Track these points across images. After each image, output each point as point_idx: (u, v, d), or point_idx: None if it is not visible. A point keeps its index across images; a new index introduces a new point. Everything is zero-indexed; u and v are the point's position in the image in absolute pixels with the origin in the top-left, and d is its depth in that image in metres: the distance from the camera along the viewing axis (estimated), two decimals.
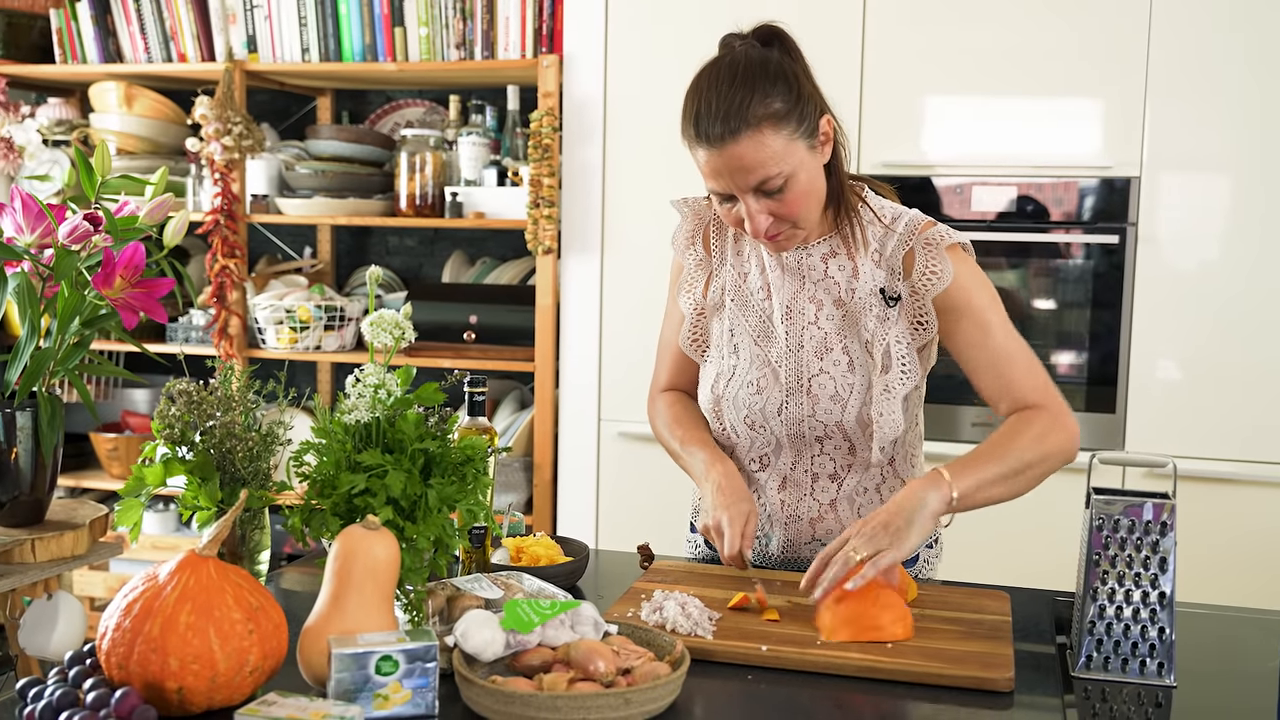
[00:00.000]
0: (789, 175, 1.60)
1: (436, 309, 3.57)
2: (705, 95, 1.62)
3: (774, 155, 1.58)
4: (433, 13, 3.49)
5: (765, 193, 1.61)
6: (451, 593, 1.43)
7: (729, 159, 1.58)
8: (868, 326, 1.72)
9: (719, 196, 1.65)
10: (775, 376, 1.76)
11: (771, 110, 1.58)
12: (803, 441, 1.78)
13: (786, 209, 1.63)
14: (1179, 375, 2.94)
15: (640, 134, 3.23)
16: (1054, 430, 1.67)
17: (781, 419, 1.76)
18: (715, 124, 1.58)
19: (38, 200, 1.93)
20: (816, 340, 1.75)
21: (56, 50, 3.84)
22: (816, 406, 1.74)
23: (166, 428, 1.52)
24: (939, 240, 1.70)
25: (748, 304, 1.80)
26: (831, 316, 1.74)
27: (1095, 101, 2.95)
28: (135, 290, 1.92)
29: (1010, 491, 1.65)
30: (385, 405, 1.44)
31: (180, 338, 3.75)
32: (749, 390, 1.77)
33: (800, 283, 1.76)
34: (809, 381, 1.74)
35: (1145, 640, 1.44)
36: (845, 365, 1.73)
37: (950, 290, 1.70)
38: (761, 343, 1.78)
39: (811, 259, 1.75)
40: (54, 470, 2.04)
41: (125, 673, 1.21)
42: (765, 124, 1.57)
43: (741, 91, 1.58)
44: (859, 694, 1.38)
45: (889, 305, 1.72)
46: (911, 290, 1.71)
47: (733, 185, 1.61)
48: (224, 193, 3.58)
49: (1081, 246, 3.00)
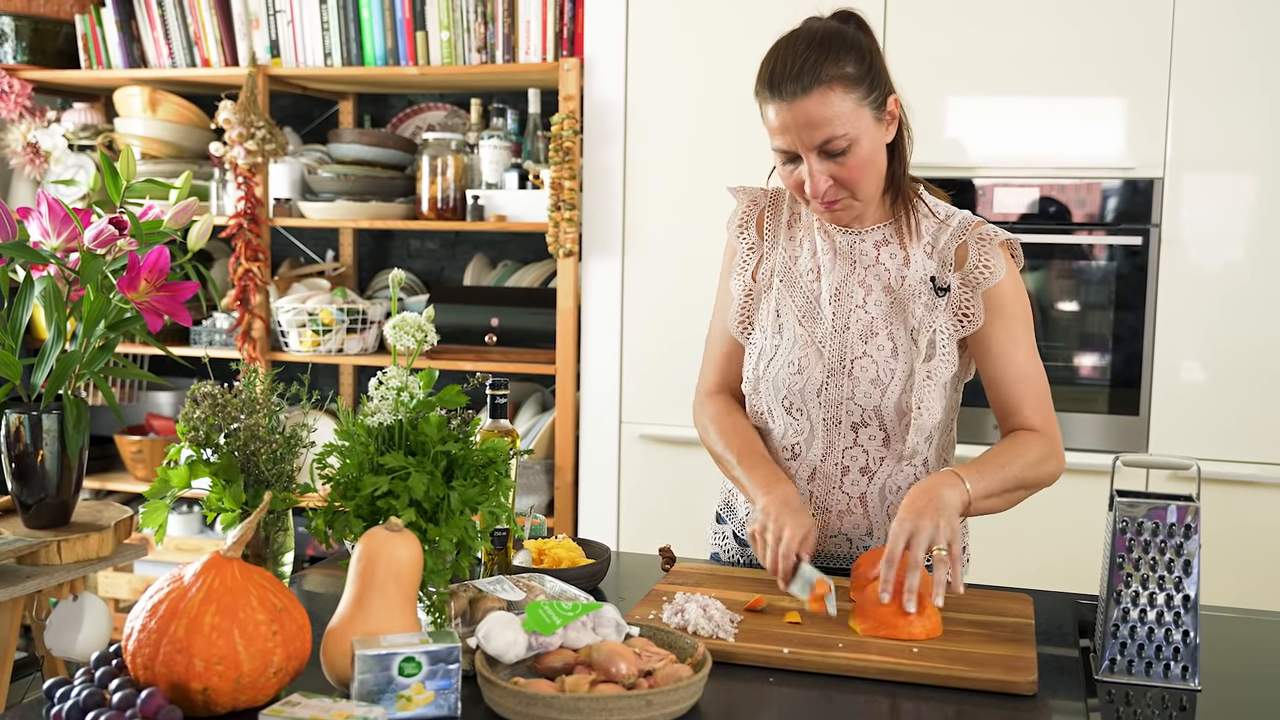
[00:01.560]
0: (853, 139, 1.65)
1: (458, 312, 3.58)
2: (782, 54, 1.67)
3: (841, 115, 1.63)
4: (454, 16, 3.50)
5: (829, 153, 1.65)
6: (474, 594, 1.43)
7: (799, 113, 1.63)
8: (915, 314, 1.75)
9: (783, 155, 1.70)
10: (818, 356, 1.78)
11: (844, 72, 1.64)
12: (838, 429, 1.78)
13: (847, 173, 1.67)
14: (1203, 377, 2.93)
15: (661, 137, 3.23)
16: (1050, 459, 1.73)
17: (820, 400, 1.77)
18: (789, 80, 1.63)
19: (64, 205, 1.95)
20: (863, 324, 1.77)
21: (82, 56, 3.87)
22: (856, 389, 1.76)
23: (191, 430, 1.53)
24: (992, 236, 1.75)
25: (796, 285, 1.82)
26: (880, 302, 1.77)
27: (1118, 102, 2.94)
28: (160, 294, 1.93)
29: (1003, 506, 1.70)
30: (408, 408, 1.45)
31: (204, 341, 3.78)
32: (789, 370, 1.79)
33: (851, 266, 1.79)
34: (851, 364, 1.76)
35: (1169, 644, 1.44)
36: (889, 351, 1.75)
37: (998, 288, 1.73)
38: (806, 323, 1.80)
39: (864, 244, 1.79)
40: (79, 472, 2.05)
41: (151, 673, 1.22)
42: (837, 83, 1.63)
43: (818, 52, 1.64)
44: (881, 697, 1.38)
45: (938, 295, 1.75)
46: (962, 282, 1.74)
47: (799, 142, 1.65)
48: (247, 196, 3.60)
49: (1104, 248, 2.98)
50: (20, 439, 1.97)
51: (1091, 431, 3.00)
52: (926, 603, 1.52)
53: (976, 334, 1.76)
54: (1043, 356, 1.82)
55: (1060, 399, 3.03)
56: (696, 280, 3.24)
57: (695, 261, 3.22)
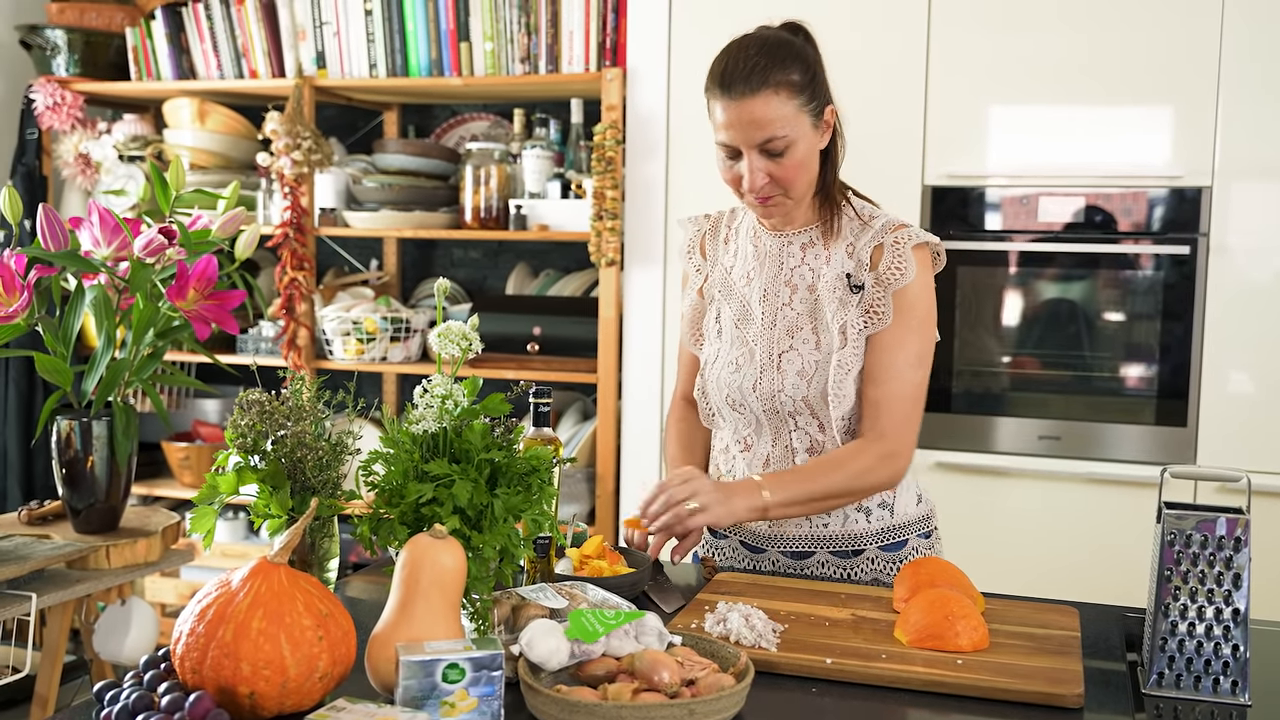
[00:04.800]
0: (791, 141, 1.78)
1: (500, 320, 3.60)
2: (734, 56, 1.79)
3: (783, 118, 1.76)
4: (498, 28, 3.53)
5: (768, 152, 1.78)
6: (517, 602, 1.44)
7: (744, 112, 1.76)
8: (830, 307, 1.86)
9: (726, 150, 1.82)
10: (751, 355, 1.91)
11: (789, 79, 1.77)
12: (779, 418, 1.90)
13: (783, 172, 1.80)
14: (1252, 389, 2.89)
15: (702, 146, 3.22)
16: (879, 468, 1.83)
17: (757, 394, 1.89)
18: (739, 80, 1.76)
19: (114, 214, 1.98)
20: (788, 320, 1.89)
21: (132, 68, 3.93)
22: (785, 381, 1.87)
23: (239, 437, 1.54)
24: (907, 239, 1.85)
25: (731, 291, 1.96)
26: (804, 300, 1.89)
27: (1165, 109, 2.91)
28: (208, 302, 1.96)
29: (811, 512, 1.84)
30: (452, 415, 1.45)
31: (250, 349, 3.81)
32: (729, 369, 1.92)
33: (778, 268, 1.92)
34: (779, 358, 1.88)
35: (1219, 658, 1.42)
36: (812, 344, 1.87)
37: (905, 290, 1.84)
38: (741, 325, 1.93)
39: (791, 248, 1.92)
40: (128, 478, 2.08)
41: (199, 677, 1.23)
42: (782, 89, 1.76)
43: (767, 58, 1.77)
44: (924, 708, 1.37)
45: (852, 292, 1.85)
46: (875, 281, 1.85)
47: (741, 138, 1.78)
48: (293, 206, 3.63)
49: (1151, 257, 2.95)
50: (71, 445, 2.00)
51: (1139, 443, 2.97)
52: (976, 618, 1.51)
53: (878, 333, 1.85)
54: (1089, 367, 1.83)
55: (1107, 410, 3.01)
56: None
57: None
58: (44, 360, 1.95)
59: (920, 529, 1.96)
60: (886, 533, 1.92)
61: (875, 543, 1.91)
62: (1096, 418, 2.99)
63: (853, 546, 1.91)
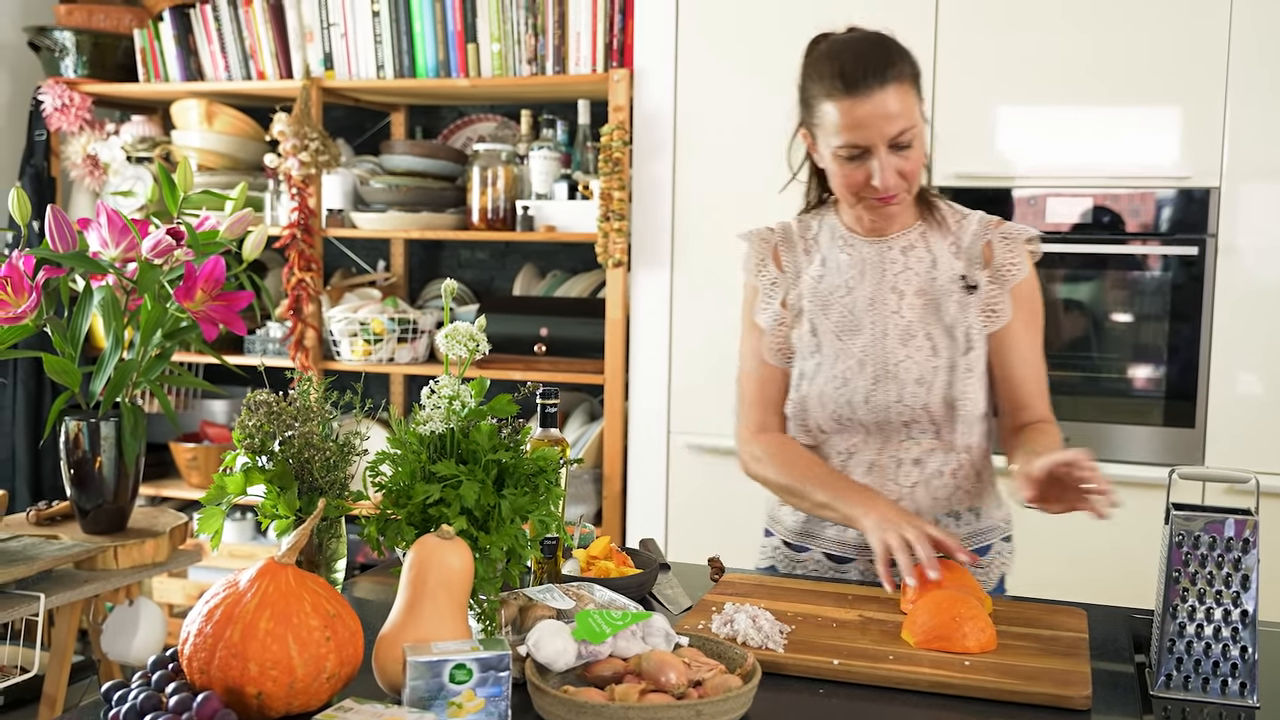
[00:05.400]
0: (916, 134, 1.74)
1: (507, 321, 3.60)
2: (846, 54, 1.74)
3: (909, 109, 1.73)
4: (505, 29, 3.53)
5: (898, 145, 1.73)
6: (524, 602, 1.44)
7: (876, 106, 1.70)
8: (949, 311, 1.82)
9: (848, 151, 1.74)
10: (861, 367, 1.83)
11: (908, 71, 1.74)
12: (890, 428, 1.84)
13: (910, 166, 1.75)
14: (1260, 390, 2.88)
15: (710, 147, 3.23)
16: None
17: (869, 407, 1.83)
18: (866, 75, 1.70)
19: (122, 215, 1.98)
20: (900, 328, 1.83)
21: (140, 69, 3.93)
22: (903, 391, 1.81)
23: (247, 437, 1.54)
24: (1016, 234, 1.84)
25: (827, 304, 1.87)
26: (913, 305, 1.84)
27: (1173, 109, 2.90)
28: (215, 303, 1.96)
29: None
30: (459, 416, 1.46)
31: (258, 350, 3.82)
32: (834, 385, 1.84)
33: (881, 275, 1.86)
34: (894, 367, 1.82)
35: (1227, 659, 1.42)
36: (928, 350, 1.82)
37: (1021, 285, 1.83)
38: (845, 337, 1.86)
39: (891, 253, 1.86)
40: (136, 479, 2.09)
41: (206, 677, 1.24)
42: (907, 80, 1.73)
43: (884, 53, 1.73)
44: (932, 709, 1.37)
45: (968, 292, 1.82)
46: (990, 278, 1.83)
47: (874, 135, 1.71)
48: (301, 207, 3.64)
49: (1159, 258, 2.95)
50: (79, 446, 2.00)
51: (1146, 444, 2.96)
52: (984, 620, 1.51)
53: (1000, 329, 1.83)
54: (1096, 368, 1.84)
55: (1115, 411, 3.00)
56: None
57: None
58: (52, 361, 1.96)
59: (1002, 533, 1.93)
60: (972, 538, 1.89)
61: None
62: (1104, 419, 2.99)
63: (941, 553, 1.81)
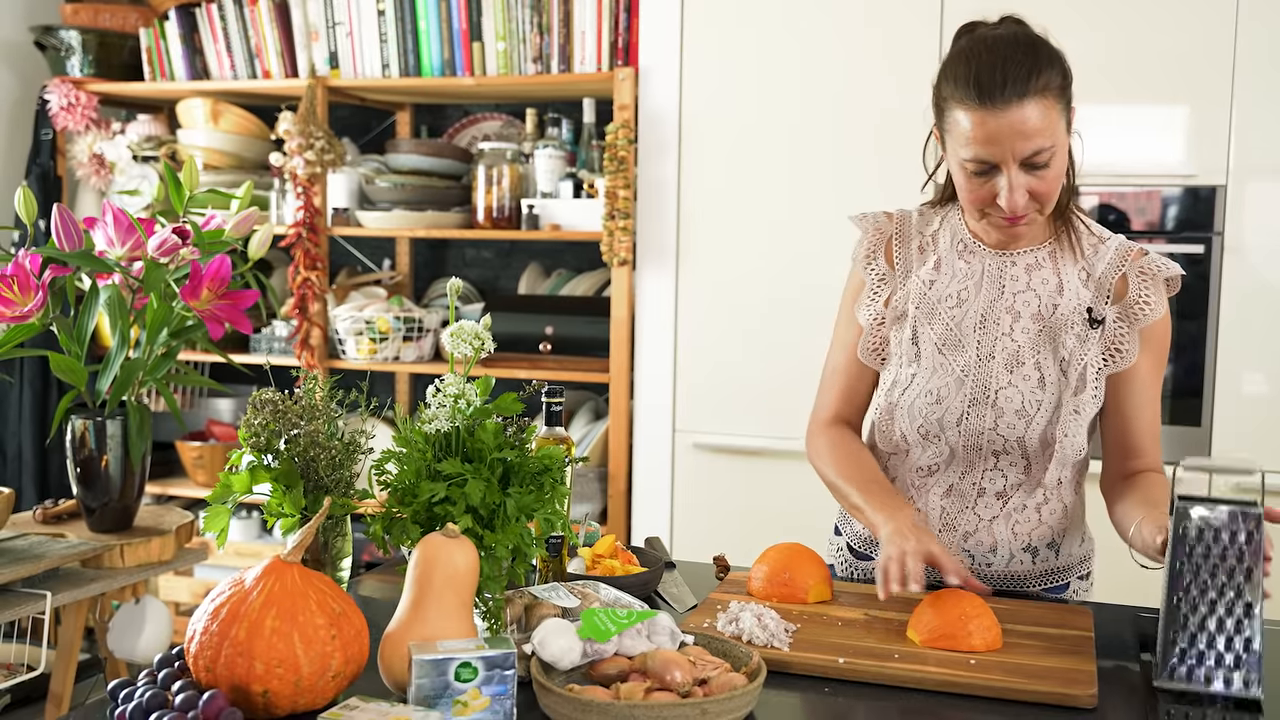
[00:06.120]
0: (1055, 153, 1.59)
1: (512, 320, 3.60)
2: (985, 59, 1.58)
3: (1049, 127, 1.57)
4: (510, 28, 3.53)
5: (1032, 165, 1.58)
6: (529, 601, 1.44)
7: (1011, 122, 1.55)
8: (1066, 344, 1.68)
9: (976, 165, 1.60)
10: (959, 386, 1.71)
11: (1054, 83, 1.58)
12: (978, 454, 1.73)
13: (1045, 186, 1.60)
14: (1267, 388, 2.88)
15: (715, 146, 3.23)
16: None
17: (960, 429, 1.72)
18: (1003, 86, 1.55)
19: (128, 214, 1.99)
20: (1009, 352, 1.70)
21: (146, 68, 3.94)
22: (1000, 420, 1.70)
23: (253, 436, 1.54)
24: (1156, 271, 1.70)
25: (934, 312, 1.74)
26: (1027, 330, 1.70)
27: (1179, 107, 2.90)
28: (221, 302, 1.96)
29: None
30: (465, 415, 1.46)
31: (263, 348, 3.82)
32: (927, 399, 1.73)
33: (999, 292, 1.72)
34: (995, 394, 1.70)
35: (1230, 651, 1.41)
36: (1035, 381, 1.69)
37: (1153, 326, 1.69)
38: (947, 351, 1.73)
39: (1015, 269, 1.72)
40: (142, 477, 2.09)
41: (212, 675, 1.24)
42: (1049, 94, 1.57)
43: (1029, 60, 1.57)
44: (938, 708, 1.36)
45: (1092, 327, 1.69)
46: (1119, 315, 1.69)
47: (1005, 152, 1.57)
48: (306, 206, 3.64)
49: (1165, 256, 2.94)
50: (85, 444, 2.01)
51: None
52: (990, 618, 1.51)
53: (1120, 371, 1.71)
54: None
55: None
56: (751, 290, 3.23)
57: (750, 271, 3.22)
58: (59, 360, 1.96)
59: (1080, 571, 1.83)
60: (1050, 575, 1.79)
61: (1038, 585, 1.79)
62: None
63: (1014, 588, 1.78)
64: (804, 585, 1.65)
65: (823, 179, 3.12)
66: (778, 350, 3.19)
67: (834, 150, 3.11)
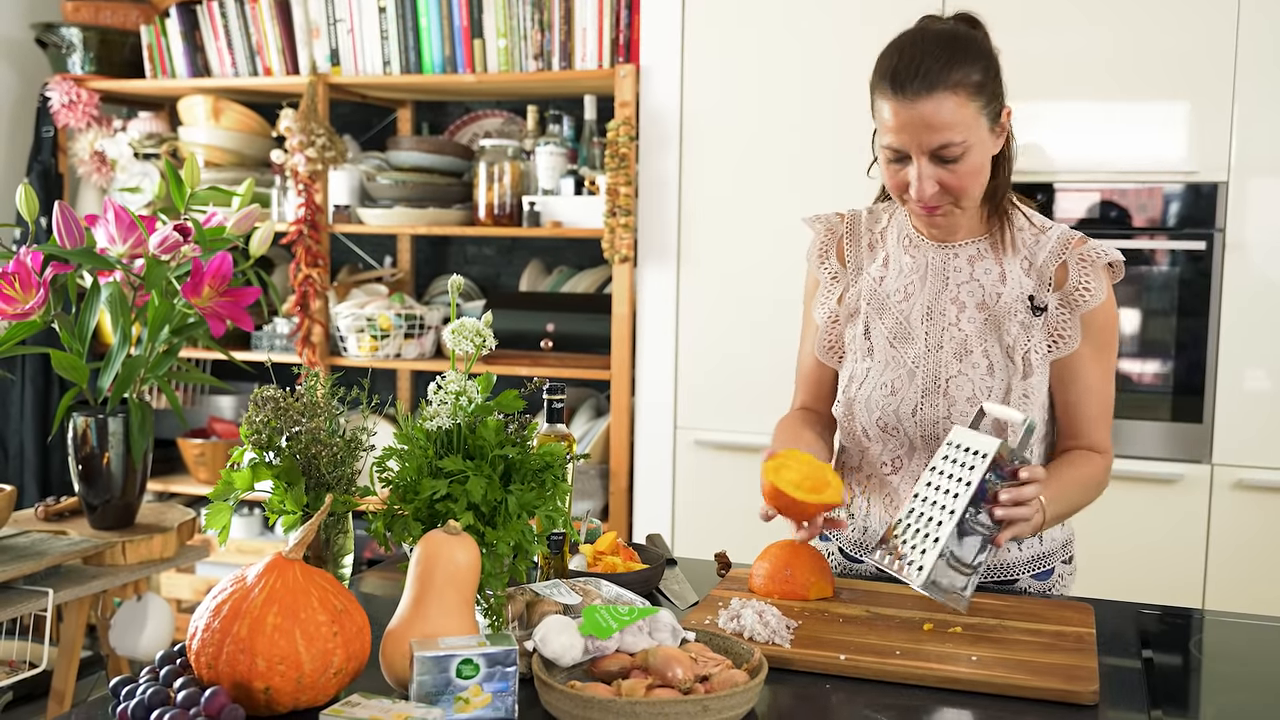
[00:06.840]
0: (968, 147, 1.63)
1: (514, 317, 3.60)
2: (907, 52, 1.63)
3: (961, 122, 1.61)
4: (511, 25, 3.53)
5: (941, 158, 1.63)
6: (531, 598, 1.44)
7: (919, 114, 1.60)
8: (1010, 331, 1.73)
9: (891, 153, 1.66)
10: (911, 378, 1.76)
11: (970, 80, 1.61)
12: (936, 444, 1.76)
13: (956, 180, 1.65)
14: (1269, 385, 2.87)
15: (717, 143, 3.23)
16: (1105, 482, 1.79)
17: (916, 420, 1.76)
18: (914, 79, 1.60)
19: (129, 212, 1.99)
20: (956, 342, 1.75)
21: (147, 65, 3.94)
22: (953, 408, 1.73)
23: (254, 433, 1.55)
24: (1095, 257, 1.72)
25: (884, 307, 1.80)
26: (973, 319, 1.75)
27: (1181, 104, 2.90)
28: (223, 299, 1.96)
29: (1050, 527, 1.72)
30: (466, 412, 1.46)
31: (265, 346, 3.83)
32: (882, 392, 1.77)
33: (943, 284, 1.77)
34: (946, 383, 1.74)
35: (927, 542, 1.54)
36: (985, 368, 1.73)
37: (1094, 311, 1.72)
38: (898, 344, 1.78)
39: (957, 260, 1.77)
40: (144, 475, 2.09)
41: (214, 672, 1.24)
42: (961, 90, 1.60)
43: (946, 55, 1.61)
44: (939, 704, 1.37)
45: (1034, 314, 1.73)
46: (1060, 302, 1.73)
47: (913, 143, 1.62)
48: (307, 203, 3.64)
49: (1166, 253, 2.94)
50: (87, 442, 2.01)
51: (1154, 439, 2.96)
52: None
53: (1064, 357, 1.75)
54: None
55: (1122, 406, 2.99)
56: (752, 286, 3.23)
57: (751, 268, 3.22)
58: (60, 357, 1.96)
59: (1063, 555, 1.87)
60: (1036, 560, 1.83)
61: (1027, 571, 1.82)
62: None
63: (1006, 576, 1.81)
64: (805, 582, 1.67)
65: (823, 175, 3.12)
66: (778, 347, 3.18)
67: (834, 147, 3.10)
